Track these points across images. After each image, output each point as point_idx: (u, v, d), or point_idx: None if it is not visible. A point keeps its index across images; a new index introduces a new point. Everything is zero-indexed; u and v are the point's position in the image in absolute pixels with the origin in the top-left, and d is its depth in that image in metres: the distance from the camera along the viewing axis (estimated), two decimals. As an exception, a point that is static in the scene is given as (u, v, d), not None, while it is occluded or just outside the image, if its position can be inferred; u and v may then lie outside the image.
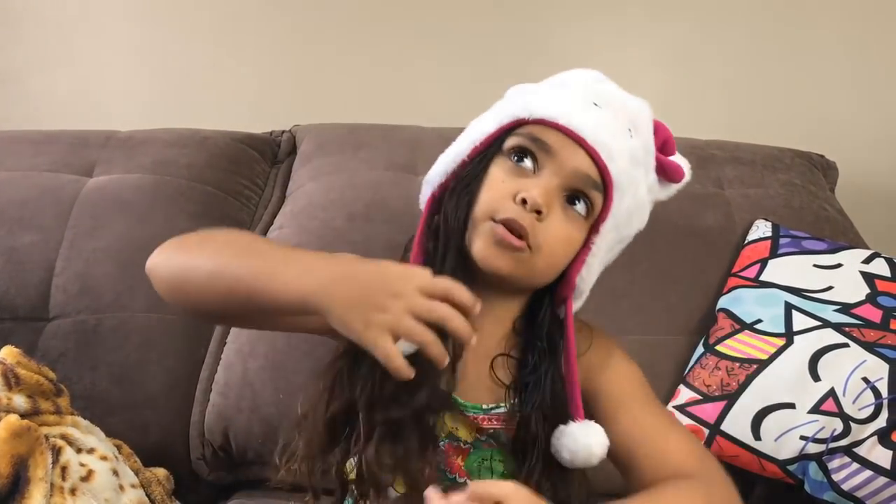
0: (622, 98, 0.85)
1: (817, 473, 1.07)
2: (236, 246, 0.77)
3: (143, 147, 1.47)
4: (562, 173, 0.78)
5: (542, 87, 0.88)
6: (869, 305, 1.17)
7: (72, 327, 1.25)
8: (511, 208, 0.77)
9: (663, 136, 0.87)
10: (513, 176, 0.79)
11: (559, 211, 0.79)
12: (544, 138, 0.79)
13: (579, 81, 0.87)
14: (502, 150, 0.81)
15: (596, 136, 0.78)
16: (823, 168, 1.55)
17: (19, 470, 0.87)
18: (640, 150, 0.83)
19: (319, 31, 1.83)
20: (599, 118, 0.80)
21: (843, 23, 1.78)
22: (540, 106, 0.80)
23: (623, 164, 0.80)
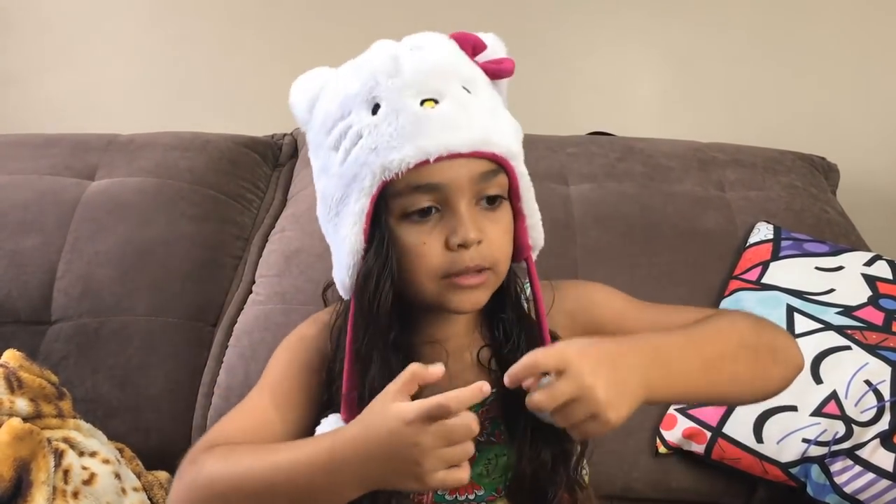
0: (432, 66, 0.76)
1: (819, 476, 1.07)
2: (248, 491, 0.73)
3: (145, 150, 1.47)
4: (464, 193, 0.74)
5: (356, 114, 0.76)
6: (871, 308, 1.16)
7: (74, 330, 1.25)
8: (454, 258, 0.74)
9: (470, 44, 0.81)
10: (426, 230, 0.75)
11: (485, 220, 0.76)
12: (427, 181, 0.73)
13: (388, 89, 0.75)
14: (394, 215, 0.75)
15: (466, 139, 0.73)
16: (825, 170, 1.55)
17: (22, 473, 0.87)
18: (484, 93, 0.78)
19: (321, 33, 1.83)
20: (447, 117, 0.73)
21: (845, 25, 1.78)
22: (395, 156, 0.72)
23: (495, 131, 0.75)
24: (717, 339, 0.76)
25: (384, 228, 0.75)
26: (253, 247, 1.40)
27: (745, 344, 0.76)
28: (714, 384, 0.75)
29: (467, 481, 0.65)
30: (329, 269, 1.26)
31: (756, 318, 0.80)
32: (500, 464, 0.82)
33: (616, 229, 1.34)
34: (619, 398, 0.66)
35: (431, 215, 0.75)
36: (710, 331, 0.77)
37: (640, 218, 1.35)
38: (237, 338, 1.25)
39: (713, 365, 0.74)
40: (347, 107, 0.76)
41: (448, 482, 0.65)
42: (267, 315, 1.25)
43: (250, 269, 1.36)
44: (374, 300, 0.76)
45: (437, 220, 0.75)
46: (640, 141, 1.52)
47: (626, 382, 0.67)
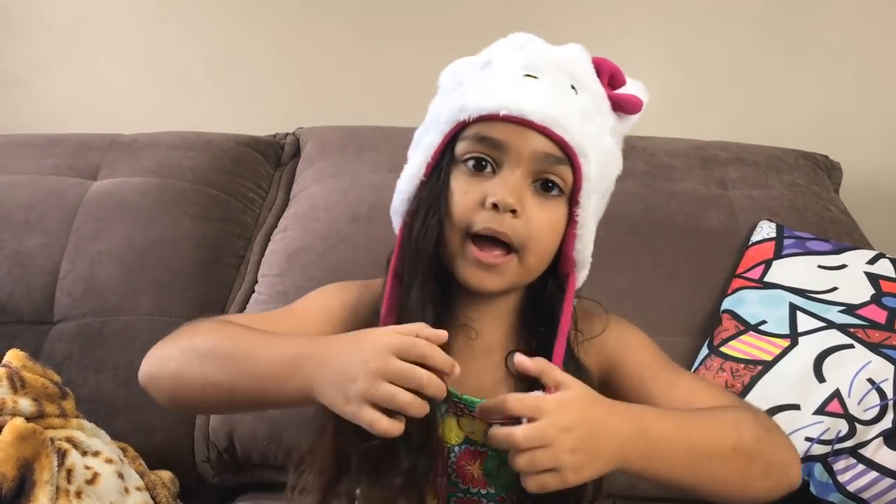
0: (553, 56, 0.81)
1: (822, 475, 1.07)
2: (222, 353, 0.74)
3: (147, 150, 1.47)
4: (522, 162, 0.76)
5: (470, 72, 0.82)
6: (874, 306, 1.16)
7: (77, 330, 1.25)
8: (484, 217, 0.75)
9: (608, 72, 0.83)
10: (475, 182, 0.77)
11: (533, 200, 0.77)
12: (491, 135, 0.76)
13: (504, 56, 0.81)
14: (455, 159, 0.79)
15: (542, 112, 0.75)
16: (827, 169, 1.55)
17: (25, 473, 0.87)
18: (590, 104, 0.79)
19: (323, 33, 1.83)
20: (538, 91, 0.77)
21: (848, 23, 1.77)
22: (474, 101, 0.76)
23: (577, 127, 0.76)
24: (712, 435, 0.73)
25: (444, 166, 0.78)
26: (255, 246, 1.40)
27: (741, 448, 0.73)
28: (694, 477, 0.73)
29: (392, 433, 0.63)
30: (331, 268, 1.27)
31: (767, 425, 0.78)
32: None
33: (619, 228, 1.34)
34: (585, 461, 0.65)
35: (485, 171, 0.77)
36: (709, 423, 0.74)
37: (642, 217, 1.35)
38: (240, 337, 1.25)
39: (699, 459, 0.72)
40: (466, 67, 0.84)
41: (366, 419, 0.63)
42: (269, 314, 1.25)
43: (252, 268, 1.36)
44: (421, 229, 0.78)
45: (489, 178, 0.77)
46: (642, 139, 1.52)
47: (600, 449, 0.66)
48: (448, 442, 0.81)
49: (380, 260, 0.86)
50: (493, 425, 0.68)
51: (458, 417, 0.81)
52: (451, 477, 0.81)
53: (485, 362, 0.83)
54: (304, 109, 1.77)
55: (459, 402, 0.80)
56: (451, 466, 0.81)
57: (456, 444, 0.81)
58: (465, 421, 0.81)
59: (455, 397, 0.80)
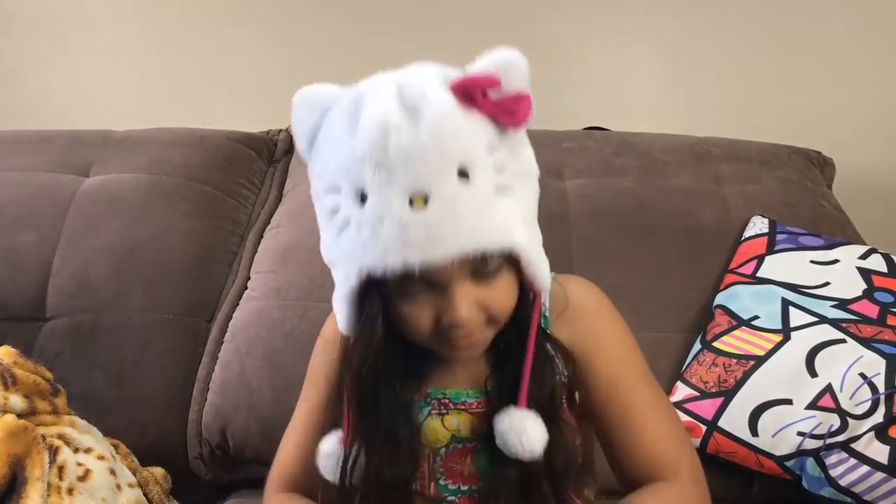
0: (429, 151, 0.66)
1: (815, 469, 1.07)
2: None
3: (140, 147, 1.47)
4: (454, 279, 0.70)
5: (347, 202, 0.70)
6: (866, 301, 1.17)
7: (69, 327, 1.25)
8: (445, 332, 0.72)
9: (479, 87, 0.70)
10: (418, 306, 0.71)
11: (482, 291, 0.72)
12: (412, 287, 0.70)
13: (374, 177, 0.67)
14: (387, 289, 0.71)
15: (452, 252, 0.67)
16: (820, 164, 1.55)
17: (16, 470, 0.87)
18: (485, 175, 0.69)
19: (316, 29, 1.83)
20: (430, 224, 0.66)
21: (841, 19, 1.78)
22: (380, 264, 0.67)
23: (494, 230, 0.69)
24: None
25: (374, 305, 0.72)
26: (248, 243, 1.40)
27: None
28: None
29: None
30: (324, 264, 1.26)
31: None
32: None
33: (612, 224, 1.34)
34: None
35: (422, 294, 0.71)
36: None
37: (635, 213, 1.35)
38: (232, 334, 1.25)
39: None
40: (338, 181, 0.70)
41: None
42: (262, 311, 1.25)
43: (245, 264, 1.36)
44: (374, 359, 0.74)
45: (432, 297, 0.71)
46: (635, 136, 1.52)
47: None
48: (433, 445, 0.80)
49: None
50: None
51: (443, 416, 0.80)
52: (440, 481, 0.81)
53: (464, 361, 0.82)
54: (298, 106, 1.76)
55: (444, 399, 0.80)
56: (438, 470, 0.80)
57: (443, 445, 0.80)
58: (450, 418, 0.80)
59: (438, 395, 0.80)
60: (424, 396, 0.81)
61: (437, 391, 0.81)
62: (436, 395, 0.81)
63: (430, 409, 0.81)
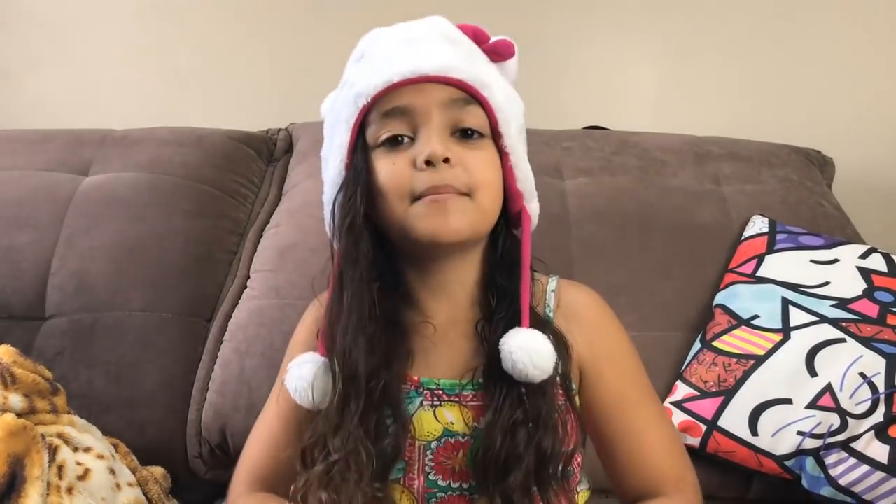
0: (420, 25, 0.83)
1: (814, 469, 1.07)
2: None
3: (139, 145, 1.46)
4: (433, 118, 0.76)
5: (350, 71, 0.83)
6: (866, 301, 1.17)
7: (68, 326, 1.25)
8: (422, 177, 0.75)
9: (471, 31, 0.84)
10: (397, 154, 0.77)
11: (461, 149, 0.77)
12: (394, 105, 0.76)
13: (377, 40, 0.83)
14: (369, 147, 0.79)
15: (432, 63, 0.76)
16: (820, 164, 1.55)
17: (15, 469, 0.86)
18: (467, 50, 0.81)
19: (315, 28, 1.83)
20: (420, 49, 0.78)
21: (840, 18, 1.78)
22: (365, 83, 0.77)
23: (466, 65, 0.78)
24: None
25: (360, 157, 0.78)
26: (247, 242, 1.40)
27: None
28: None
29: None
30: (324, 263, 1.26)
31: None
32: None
33: (611, 223, 1.34)
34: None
35: (403, 143, 0.77)
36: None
37: (635, 212, 1.35)
38: (232, 333, 1.24)
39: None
40: (349, 68, 0.84)
41: None
42: (261, 310, 1.25)
43: (245, 264, 1.36)
44: (353, 224, 0.77)
45: (409, 147, 0.77)
46: (635, 135, 1.52)
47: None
48: (424, 438, 0.78)
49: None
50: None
51: (435, 408, 0.79)
52: (429, 476, 0.79)
53: (453, 341, 0.81)
54: (297, 105, 1.75)
55: (437, 390, 0.79)
56: (428, 465, 0.78)
57: (433, 439, 0.78)
58: (442, 410, 0.79)
59: (431, 385, 0.79)
60: (416, 385, 0.79)
61: (431, 381, 0.79)
62: (428, 386, 0.79)
63: (422, 400, 0.79)
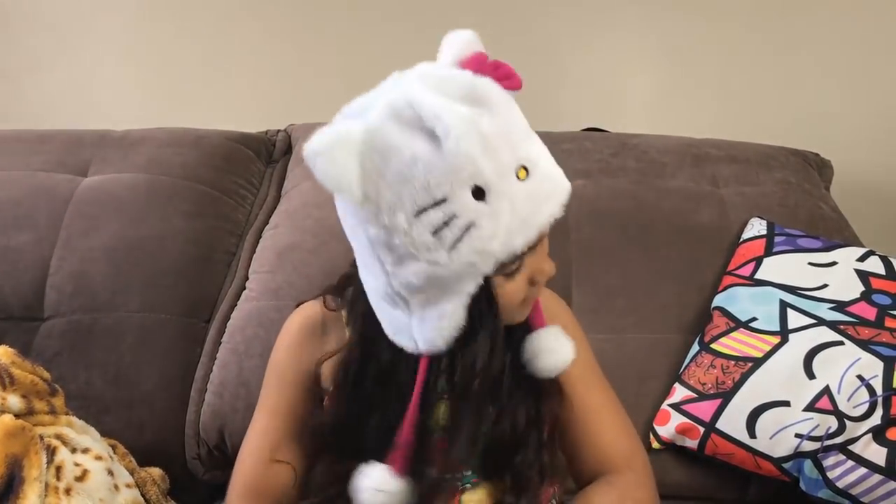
0: (510, 129, 0.73)
1: (812, 471, 1.07)
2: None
3: (138, 146, 1.46)
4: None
5: (462, 204, 0.69)
6: (863, 303, 1.17)
7: (66, 327, 1.25)
8: (535, 291, 0.80)
9: (491, 68, 0.75)
10: (518, 276, 0.77)
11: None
12: (542, 266, 0.79)
13: (483, 158, 0.69)
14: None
15: (560, 200, 0.76)
16: (818, 166, 1.55)
17: (14, 470, 0.86)
18: (525, 120, 0.76)
19: (314, 29, 1.83)
20: (544, 183, 0.75)
21: (838, 20, 1.78)
22: (517, 244, 0.72)
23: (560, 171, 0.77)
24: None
25: (487, 310, 0.75)
26: (246, 243, 1.40)
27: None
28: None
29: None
30: (322, 265, 1.27)
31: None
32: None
33: (610, 225, 1.34)
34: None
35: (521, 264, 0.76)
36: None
37: (634, 214, 1.36)
38: (230, 334, 1.24)
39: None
40: (441, 189, 0.67)
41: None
42: (260, 311, 1.25)
43: (243, 265, 1.36)
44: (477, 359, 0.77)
45: (523, 266, 0.77)
46: (633, 137, 1.52)
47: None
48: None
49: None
50: None
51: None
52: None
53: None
54: (296, 106, 1.76)
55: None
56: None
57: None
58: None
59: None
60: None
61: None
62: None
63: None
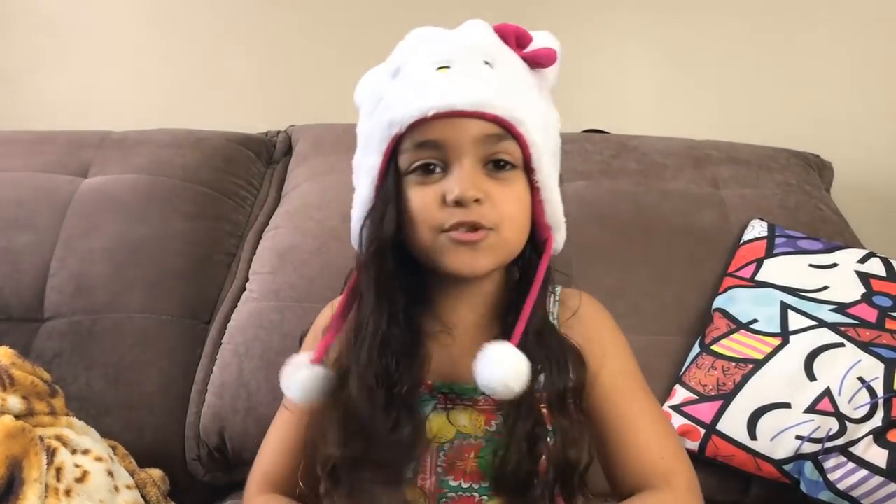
0: (456, 40, 0.81)
1: (813, 473, 1.07)
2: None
3: (139, 147, 1.46)
4: (466, 153, 0.75)
5: (385, 84, 0.81)
6: (864, 305, 1.17)
7: (67, 328, 1.25)
8: (450, 213, 0.75)
9: (513, 34, 0.82)
10: (429, 185, 0.76)
11: (491, 183, 0.76)
12: (428, 137, 0.75)
13: (410, 57, 0.80)
14: (401, 172, 0.78)
15: (467, 98, 0.74)
16: (819, 168, 1.56)
17: (14, 471, 0.86)
18: (507, 71, 0.79)
19: (315, 31, 1.83)
20: (455, 79, 0.76)
21: (839, 22, 1.78)
22: (400, 112, 0.75)
23: (505, 99, 0.76)
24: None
25: (391, 183, 0.78)
26: (246, 244, 1.40)
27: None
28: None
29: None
30: (323, 266, 1.27)
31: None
32: (512, 458, 0.82)
33: (611, 227, 1.34)
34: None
35: (435, 174, 0.77)
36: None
37: (634, 215, 1.36)
38: (231, 335, 1.24)
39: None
40: (379, 80, 0.83)
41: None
42: (261, 312, 1.25)
43: (244, 266, 1.36)
44: (379, 249, 0.77)
45: (440, 178, 0.76)
46: (634, 138, 1.52)
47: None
48: (437, 440, 0.80)
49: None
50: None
51: (448, 411, 0.81)
52: (441, 476, 0.80)
53: (468, 348, 0.80)
54: (297, 107, 1.76)
55: (451, 394, 0.80)
56: (440, 465, 0.80)
57: (446, 441, 0.80)
58: (455, 414, 0.81)
59: (444, 390, 0.80)
60: (430, 390, 0.81)
61: (444, 385, 0.81)
62: (442, 390, 0.81)
63: (436, 404, 0.81)
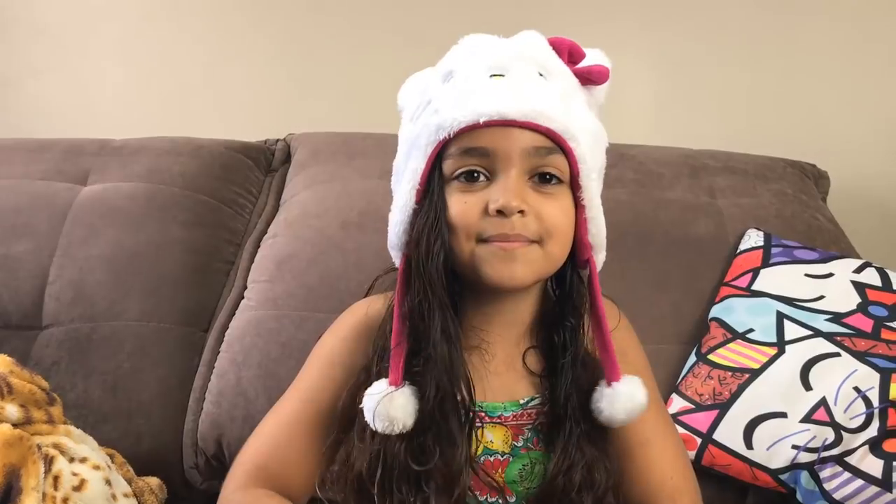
0: (512, 49, 0.80)
1: (809, 482, 1.07)
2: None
3: (137, 155, 1.47)
4: (514, 163, 0.74)
5: (434, 88, 0.79)
6: (860, 315, 1.17)
7: (65, 335, 1.25)
8: (492, 223, 0.74)
9: (567, 49, 0.82)
10: (472, 193, 0.75)
11: (536, 196, 0.75)
12: (476, 145, 0.74)
13: (464, 62, 0.79)
14: (444, 178, 0.76)
15: (520, 108, 0.73)
16: (815, 177, 1.56)
17: (11, 479, 0.86)
18: (561, 84, 0.78)
19: (314, 39, 1.84)
20: (509, 88, 0.75)
21: (836, 32, 1.79)
22: (450, 116, 0.74)
23: (558, 112, 0.75)
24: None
25: (434, 188, 0.76)
26: (245, 252, 1.40)
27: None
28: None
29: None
30: (321, 274, 1.27)
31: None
32: (536, 472, 0.82)
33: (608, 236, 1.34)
34: None
35: (479, 181, 0.75)
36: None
37: (631, 225, 1.36)
38: (229, 343, 1.24)
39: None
40: (428, 84, 0.81)
41: None
42: (258, 321, 1.25)
43: (242, 274, 1.36)
44: (426, 255, 0.75)
45: (484, 187, 0.75)
46: (631, 148, 1.52)
47: None
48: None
49: (369, 267, 0.85)
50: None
51: (476, 429, 0.80)
52: (469, 491, 0.81)
53: (497, 366, 0.83)
54: (295, 115, 1.77)
55: (480, 412, 0.81)
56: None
57: (477, 455, 0.81)
58: (483, 431, 0.81)
59: (472, 407, 0.80)
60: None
61: (474, 403, 0.80)
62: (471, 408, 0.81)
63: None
